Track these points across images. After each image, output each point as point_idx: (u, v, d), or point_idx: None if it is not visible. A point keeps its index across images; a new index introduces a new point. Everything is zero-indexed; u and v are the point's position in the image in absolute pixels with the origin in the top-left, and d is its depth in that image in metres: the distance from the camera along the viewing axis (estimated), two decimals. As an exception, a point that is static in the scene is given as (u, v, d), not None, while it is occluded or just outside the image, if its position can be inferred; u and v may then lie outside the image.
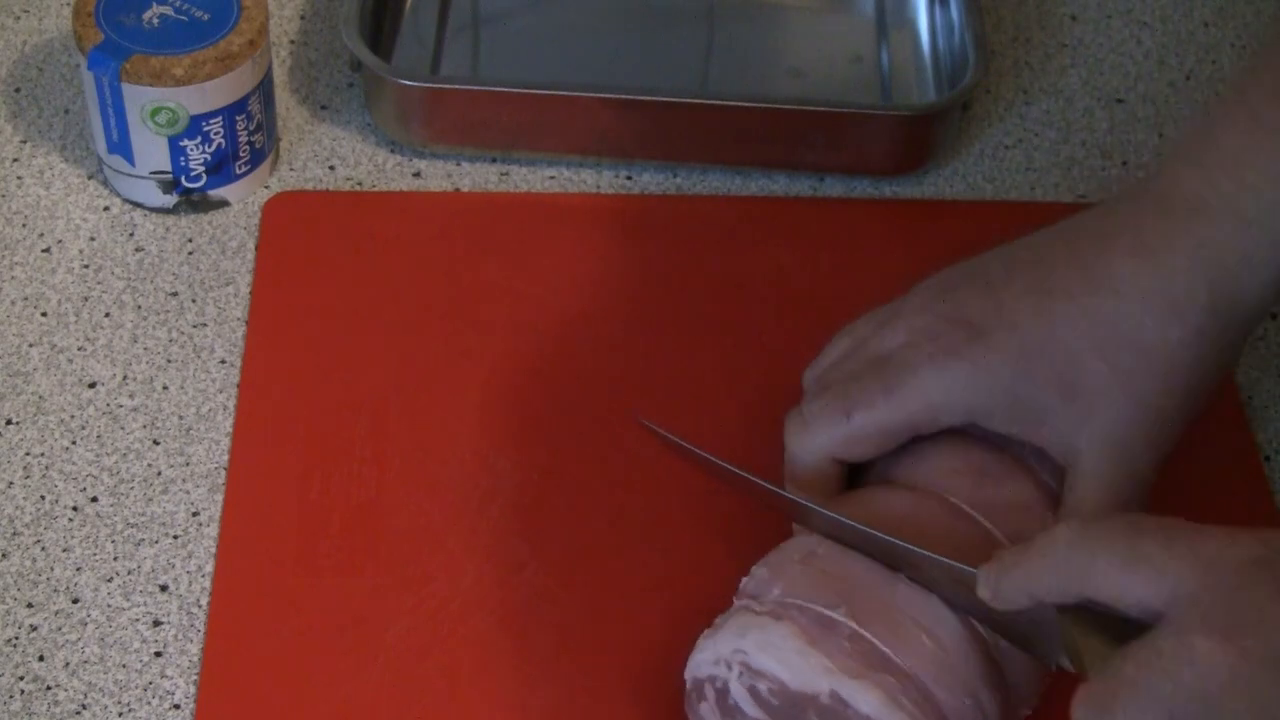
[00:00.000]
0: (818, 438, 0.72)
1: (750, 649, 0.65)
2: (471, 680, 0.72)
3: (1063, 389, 0.69)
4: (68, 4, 0.98)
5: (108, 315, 0.85)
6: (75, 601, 0.75)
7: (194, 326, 0.85)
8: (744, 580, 0.70)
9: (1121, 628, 0.59)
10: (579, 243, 0.88)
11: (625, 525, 0.78)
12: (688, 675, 0.68)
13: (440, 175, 0.91)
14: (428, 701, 0.72)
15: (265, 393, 0.82)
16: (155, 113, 0.85)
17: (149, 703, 0.72)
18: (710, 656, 0.67)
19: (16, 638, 0.74)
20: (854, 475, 0.74)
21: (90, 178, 0.90)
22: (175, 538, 0.77)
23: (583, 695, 0.72)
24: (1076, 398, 0.69)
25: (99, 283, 0.86)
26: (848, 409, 0.71)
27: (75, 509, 0.78)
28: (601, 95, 0.90)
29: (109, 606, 0.75)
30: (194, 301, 0.86)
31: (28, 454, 0.80)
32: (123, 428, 0.81)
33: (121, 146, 0.87)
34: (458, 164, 0.92)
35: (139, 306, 0.85)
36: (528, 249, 0.88)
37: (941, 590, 0.66)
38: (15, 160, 0.91)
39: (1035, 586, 0.61)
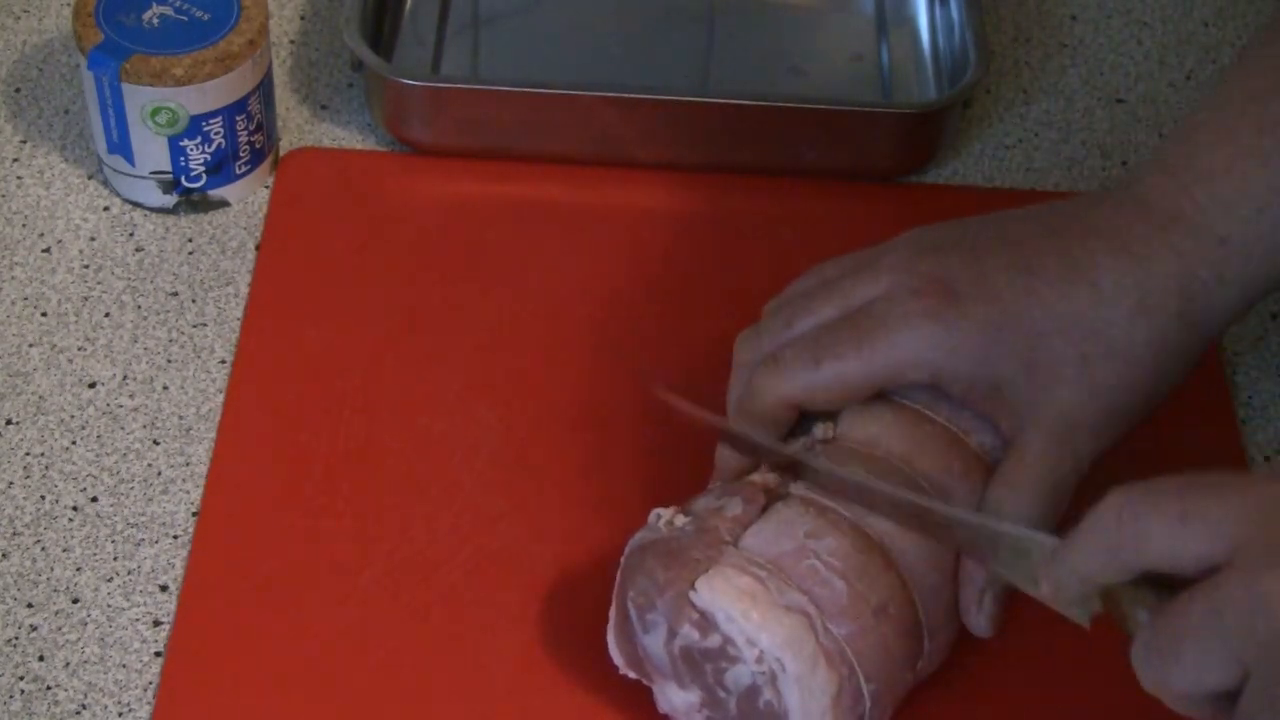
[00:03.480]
0: (785, 382, 0.72)
1: (789, 676, 0.65)
2: (440, 625, 0.74)
3: (1027, 365, 0.70)
4: (68, 4, 0.98)
5: (108, 315, 0.85)
6: (75, 601, 0.75)
7: (194, 326, 0.85)
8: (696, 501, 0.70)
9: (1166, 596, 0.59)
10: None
11: (603, 482, 0.79)
12: (709, 600, 0.66)
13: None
14: (394, 643, 0.73)
15: (262, 344, 0.83)
16: (155, 113, 0.85)
17: (149, 703, 0.72)
18: (751, 635, 0.66)
19: (16, 638, 0.74)
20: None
21: (90, 178, 0.90)
22: (175, 538, 0.77)
23: (550, 640, 0.74)
24: (1038, 376, 0.70)
25: (99, 283, 0.86)
26: (818, 357, 0.72)
27: (75, 509, 0.78)
28: (601, 95, 0.90)
29: (109, 606, 0.75)
30: (194, 301, 0.86)
31: (28, 454, 0.80)
32: (123, 428, 0.81)
33: (121, 146, 0.87)
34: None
35: (139, 306, 0.85)
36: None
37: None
38: (15, 160, 0.91)
39: (1091, 567, 0.60)
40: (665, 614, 0.67)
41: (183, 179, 0.88)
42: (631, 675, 0.71)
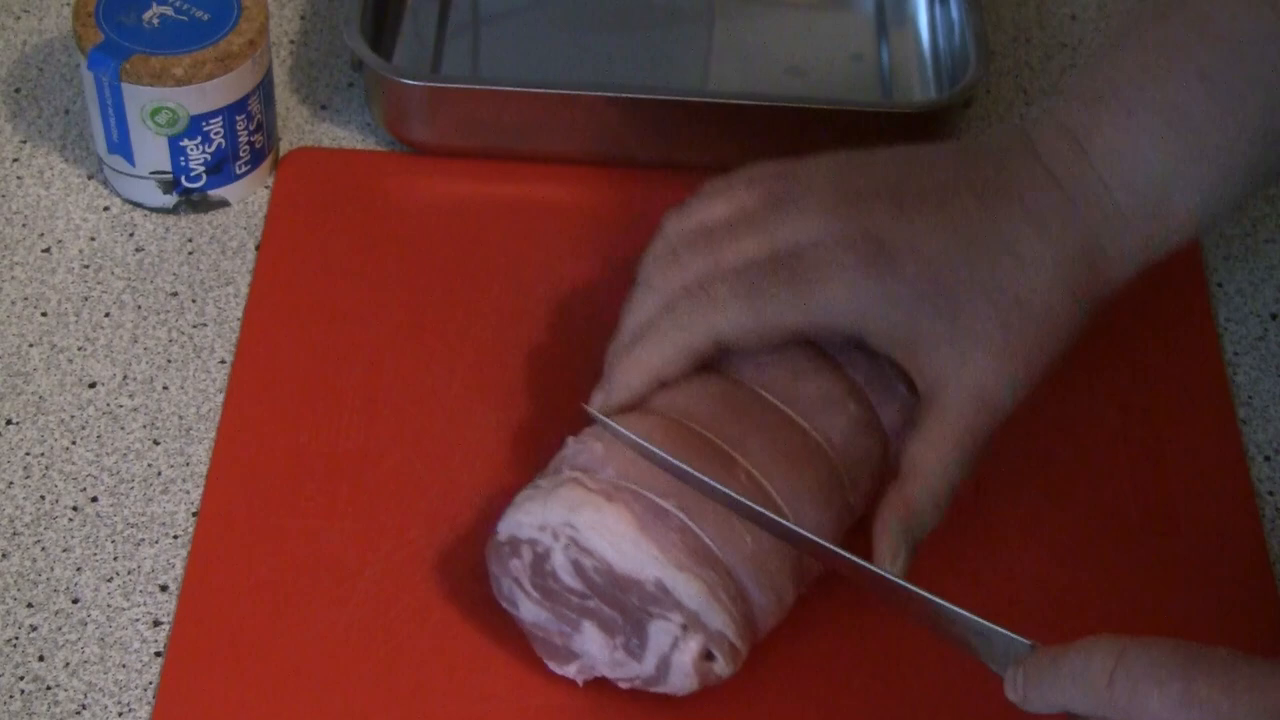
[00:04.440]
0: (719, 319, 0.73)
1: (581, 526, 0.68)
2: (440, 625, 0.74)
3: (951, 326, 0.73)
4: (68, 4, 0.98)
5: (108, 315, 0.85)
6: (75, 601, 0.75)
7: (194, 326, 0.85)
8: (571, 445, 0.72)
9: None
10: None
11: None
12: (503, 529, 0.71)
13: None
14: (394, 643, 0.73)
15: (263, 342, 0.83)
16: (155, 113, 0.85)
17: (149, 703, 0.72)
18: (536, 521, 0.70)
19: (16, 638, 0.74)
20: None
21: (90, 178, 0.90)
22: (175, 538, 0.77)
23: None
24: (959, 336, 0.73)
25: (99, 283, 0.86)
26: (754, 299, 0.73)
27: (75, 509, 0.78)
28: (601, 95, 0.90)
29: (109, 606, 0.75)
30: (194, 301, 0.86)
31: (28, 454, 0.80)
32: (123, 428, 0.81)
33: (121, 146, 0.87)
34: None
35: (139, 306, 0.85)
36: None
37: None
38: (15, 160, 0.91)
39: (1070, 705, 0.60)
40: (500, 571, 0.71)
41: (183, 179, 0.88)
42: (570, 673, 0.71)
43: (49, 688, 0.72)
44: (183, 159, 0.87)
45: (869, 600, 0.70)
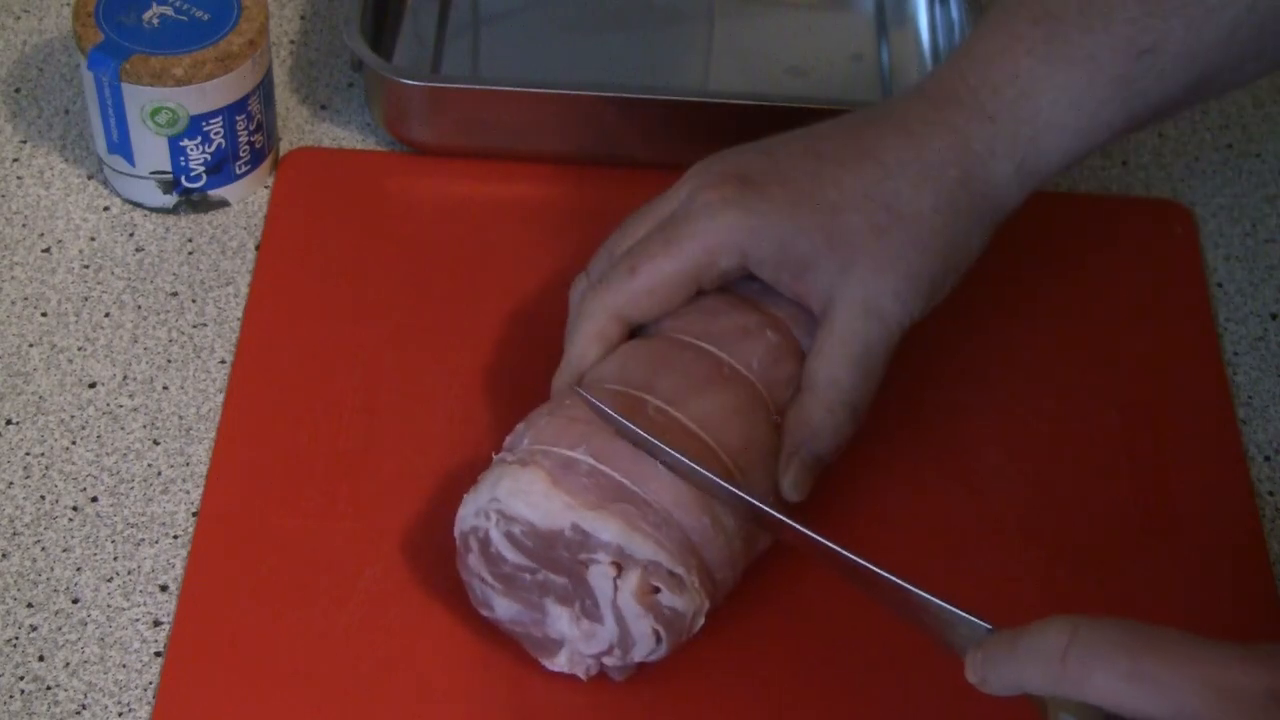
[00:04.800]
0: (604, 296, 0.76)
1: (503, 496, 0.70)
2: (440, 625, 0.74)
3: (827, 240, 0.75)
4: (68, 4, 0.98)
5: (108, 315, 0.85)
6: (75, 601, 0.75)
7: (194, 326, 0.85)
8: (506, 438, 0.74)
9: None
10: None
11: None
12: (456, 532, 0.72)
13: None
14: (394, 643, 0.74)
15: (263, 342, 0.83)
16: (155, 113, 0.85)
17: (149, 703, 0.72)
18: (471, 510, 0.71)
19: (16, 638, 0.74)
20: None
21: (90, 178, 0.90)
22: (175, 538, 0.77)
23: None
24: (836, 250, 0.75)
25: (99, 283, 0.86)
26: (633, 265, 0.76)
27: (75, 509, 0.78)
28: (601, 95, 0.90)
29: (109, 606, 0.75)
30: (194, 301, 0.86)
31: (28, 454, 0.80)
32: (123, 428, 0.81)
33: (121, 146, 0.87)
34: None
35: (139, 306, 0.85)
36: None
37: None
38: (15, 160, 0.91)
39: (1026, 683, 0.61)
40: (468, 575, 0.72)
41: (183, 179, 0.88)
42: (562, 665, 0.71)
43: (49, 688, 0.72)
44: (183, 159, 0.87)
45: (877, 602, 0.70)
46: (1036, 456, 0.81)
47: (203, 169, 0.88)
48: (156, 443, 0.80)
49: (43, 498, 0.78)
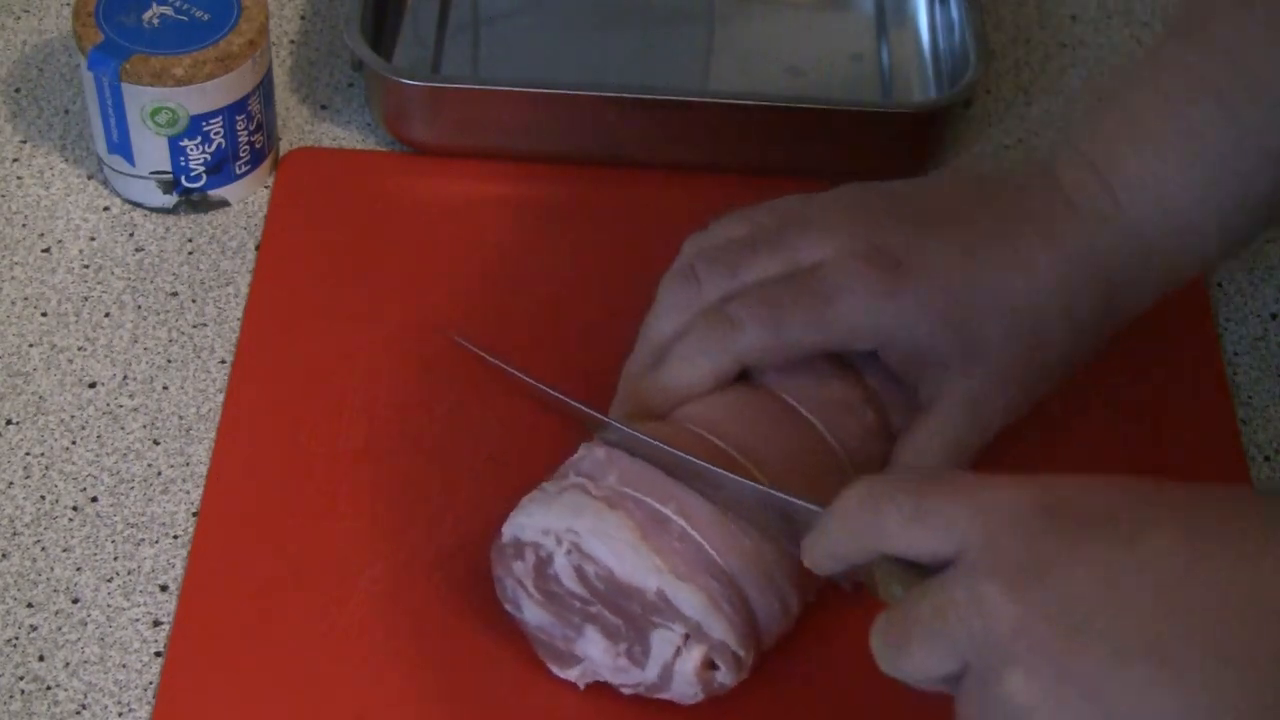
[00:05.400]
0: (736, 340, 0.74)
1: (583, 531, 0.68)
2: (440, 625, 0.74)
3: (963, 347, 0.73)
4: (68, 4, 0.98)
5: (108, 315, 0.85)
6: (75, 601, 0.75)
7: (194, 326, 0.85)
8: (580, 452, 0.72)
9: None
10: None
11: None
12: (507, 531, 0.71)
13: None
14: (394, 644, 0.73)
15: (263, 342, 0.83)
16: (155, 113, 0.85)
17: (149, 703, 0.72)
18: (539, 524, 0.70)
19: (16, 638, 0.74)
20: None
21: (90, 178, 0.90)
22: (175, 538, 0.77)
23: None
24: (969, 357, 0.73)
25: (99, 283, 0.86)
26: (776, 320, 0.73)
27: (75, 509, 0.78)
28: (601, 95, 0.90)
29: (109, 606, 0.75)
30: (194, 301, 0.86)
31: (28, 454, 0.80)
32: (123, 428, 0.81)
33: (121, 146, 0.87)
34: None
35: (139, 306, 0.85)
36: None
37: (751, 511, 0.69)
38: (15, 160, 0.91)
39: (838, 549, 0.62)
40: (504, 572, 0.71)
41: (183, 179, 0.88)
42: (572, 677, 0.71)
43: (49, 688, 0.72)
44: (183, 159, 0.87)
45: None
46: (1037, 456, 0.81)
47: (203, 169, 0.88)
48: (156, 443, 0.80)
49: (43, 498, 0.78)
